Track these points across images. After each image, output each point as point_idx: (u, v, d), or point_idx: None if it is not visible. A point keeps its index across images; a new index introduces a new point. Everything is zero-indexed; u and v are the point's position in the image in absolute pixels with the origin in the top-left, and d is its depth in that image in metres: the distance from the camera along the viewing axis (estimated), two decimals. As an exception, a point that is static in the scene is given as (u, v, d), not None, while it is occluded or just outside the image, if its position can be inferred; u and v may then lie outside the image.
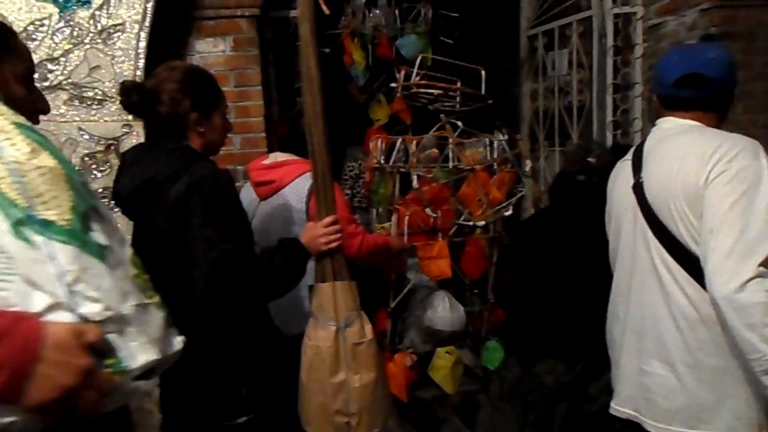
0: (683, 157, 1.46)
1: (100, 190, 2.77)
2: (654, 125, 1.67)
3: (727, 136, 1.46)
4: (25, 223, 0.96)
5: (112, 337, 1.01)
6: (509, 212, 2.95)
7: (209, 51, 3.20)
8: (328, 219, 1.77)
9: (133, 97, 1.60)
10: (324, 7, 1.80)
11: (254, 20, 3.21)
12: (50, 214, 0.99)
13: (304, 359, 1.78)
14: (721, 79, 1.55)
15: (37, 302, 0.95)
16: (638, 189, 1.58)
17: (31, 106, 1.20)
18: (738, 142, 1.42)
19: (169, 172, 1.55)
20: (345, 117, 3.26)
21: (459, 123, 2.92)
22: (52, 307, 0.96)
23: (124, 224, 2.10)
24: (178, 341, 1.18)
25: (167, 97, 1.62)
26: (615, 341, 1.72)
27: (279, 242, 1.76)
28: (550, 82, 4.42)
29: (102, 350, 0.98)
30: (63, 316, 0.96)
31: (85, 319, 0.98)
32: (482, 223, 2.92)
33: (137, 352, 1.03)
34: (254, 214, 2.42)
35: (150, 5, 2.79)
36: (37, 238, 0.96)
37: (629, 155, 1.70)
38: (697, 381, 1.46)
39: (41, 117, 1.26)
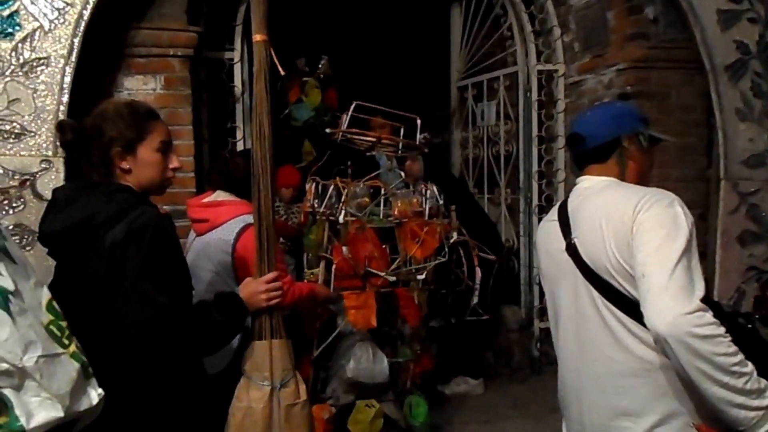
0: (608, 214, 1.51)
1: (11, 227, 2.62)
2: (575, 183, 1.73)
3: (644, 190, 1.52)
4: None
5: (7, 392, 0.93)
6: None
7: (138, 88, 3.12)
8: (270, 275, 1.72)
9: (67, 135, 1.54)
10: (279, 69, 1.81)
11: (187, 60, 3.17)
12: None
13: (232, 421, 1.68)
14: (594, 135, 1.61)
15: None
16: (572, 250, 1.59)
17: None
18: (654, 193, 1.48)
19: (106, 215, 1.45)
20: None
21: (402, 173, 2.95)
22: None
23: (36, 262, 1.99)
24: (94, 395, 1.09)
25: (91, 133, 1.55)
26: (571, 403, 1.67)
27: (217, 297, 1.68)
28: (479, 131, 4.57)
29: None
30: None
31: None
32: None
33: (36, 409, 0.96)
34: (189, 248, 2.38)
35: (77, 40, 2.71)
36: None
37: (554, 215, 1.71)
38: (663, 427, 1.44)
39: None
